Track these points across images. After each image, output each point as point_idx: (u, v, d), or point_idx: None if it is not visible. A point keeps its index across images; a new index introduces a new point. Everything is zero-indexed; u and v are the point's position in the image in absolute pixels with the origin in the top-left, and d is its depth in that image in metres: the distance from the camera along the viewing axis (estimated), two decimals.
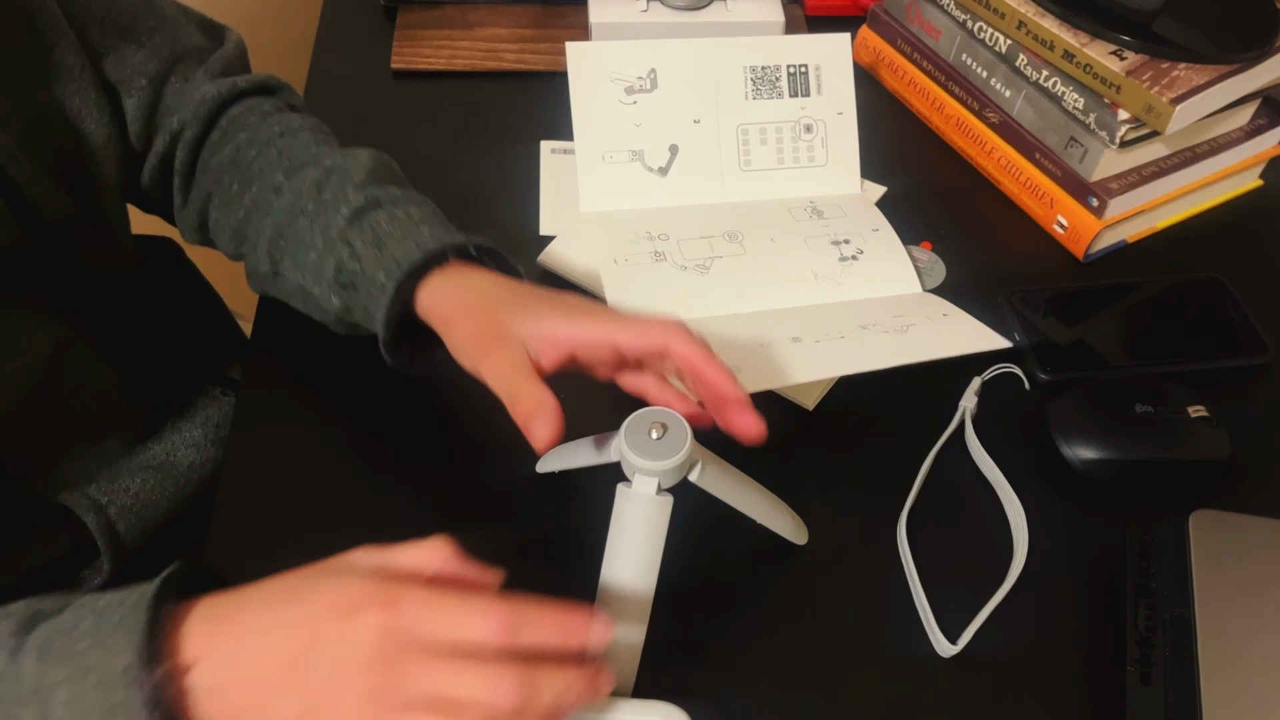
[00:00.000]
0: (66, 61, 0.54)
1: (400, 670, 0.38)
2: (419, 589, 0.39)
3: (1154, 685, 0.50)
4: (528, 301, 0.50)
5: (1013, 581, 0.55)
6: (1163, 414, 0.59)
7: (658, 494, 0.48)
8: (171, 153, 0.61)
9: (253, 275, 0.61)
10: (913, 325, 0.64)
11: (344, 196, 0.55)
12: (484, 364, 0.48)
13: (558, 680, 0.38)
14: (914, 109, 0.85)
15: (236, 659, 0.39)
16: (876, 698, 0.52)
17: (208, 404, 0.69)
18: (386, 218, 0.54)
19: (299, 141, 0.59)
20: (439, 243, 0.52)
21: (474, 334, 0.50)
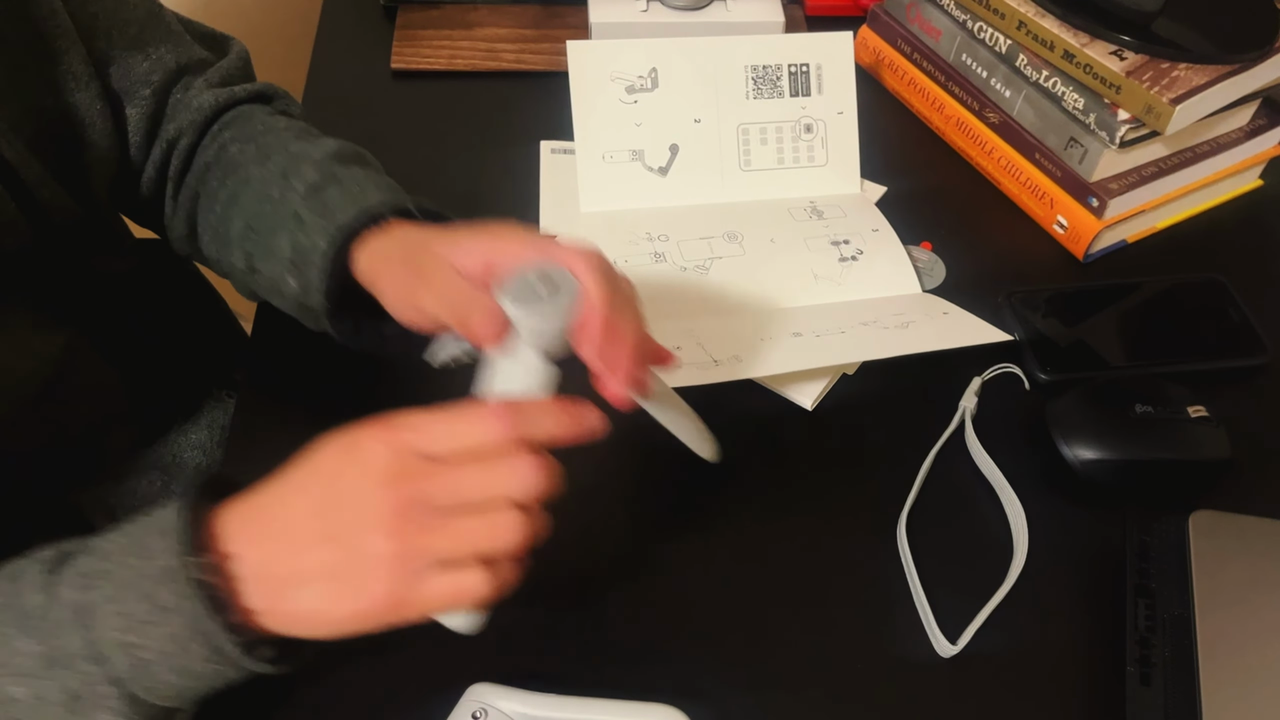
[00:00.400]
0: (75, 70, 0.54)
1: (418, 483, 0.39)
2: (414, 413, 0.40)
3: (1154, 685, 0.50)
4: (448, 233, 0.49)
5: (1013, 581, 0.55)
6: (1163, 414, 0.59)
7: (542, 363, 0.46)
8: (167, 161, 0.61)
9: (233, 277, 0.60)
10: (913, 322, 0.64)
11: (302, 175, 0.54)
12: (421, 296, 0.47)
13: (549, 410, 0.42)
14: (914, 109, 0.85)
15: (268, 535, 0.40)
16: (876, 698, 0.52)
17: (213, 406, 0.69)
18: (339, 191, 0.53)
19: (277, 136, 0.59)
20: (379, 202, 0.51)
21: (403, 276, 0.49)
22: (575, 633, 0.53)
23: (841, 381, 0.64)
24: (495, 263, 0.47)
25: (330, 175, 0.54)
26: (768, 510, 0.59)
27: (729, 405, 0.62)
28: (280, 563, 0.40)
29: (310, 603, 0.40)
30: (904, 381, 0.64)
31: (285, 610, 0.40)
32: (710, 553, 0.57)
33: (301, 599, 0.40)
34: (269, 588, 0.40)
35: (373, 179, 0.54)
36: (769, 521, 0.58)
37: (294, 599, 0.40)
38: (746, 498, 0.59)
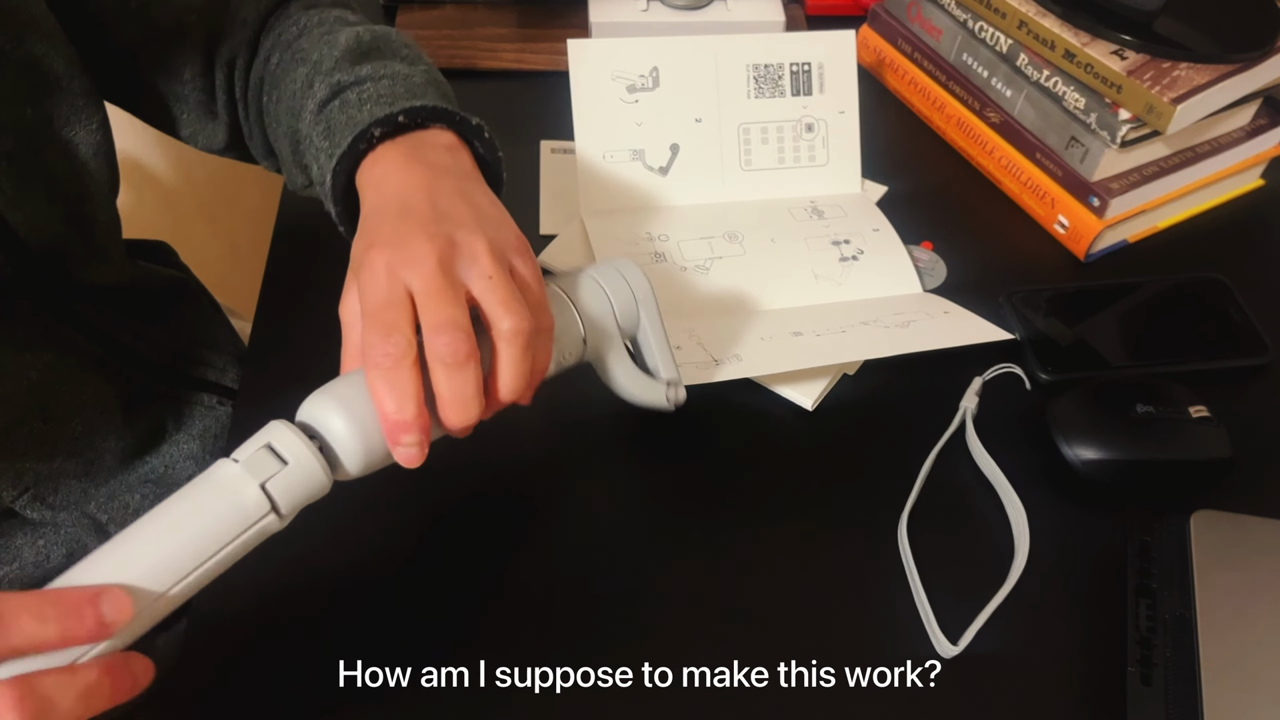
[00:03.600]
0: (55, 71, 0.53)
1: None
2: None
3: (1154, 686, 0.50)
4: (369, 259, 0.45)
5: (1013, 582, 0.55)
6: (1163, 414, 0.59)
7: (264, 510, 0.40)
8: (231, 84, 0.61)
9: (300, 193, 0.61)
10: (913, 322, 0.64)
11: (314, 91, 0.54)
12: (341, 305, 0.46)
13: (73, 685, 0.33)
14: (915, 109, 0.85)
15: None
16: (877, 698, 0.52)
17: (204, 415, 0.68)
18: (339, 105, 0.52)
19: (306, 39, 0.58)
20: (372, 121, 0.50)
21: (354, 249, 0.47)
22: (575, 631, 0.53)
23: (841, 381, 0.64)
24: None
25: (336, 87, 0.53)
26: (768, 510, 0.58)
27: (729, 405, 0.62)
28: None
29: None
30: (904, 381, 0.64)
31: None
32: (710, 553, 0.57)
33: None
34: None
35: (374, 83, 0.53)
36: (769, 521, 0.58)
37: None
38: (747, 498, 0.59)
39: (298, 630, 0.53)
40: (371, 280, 0.42)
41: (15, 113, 0.52)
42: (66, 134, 0.55)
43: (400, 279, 0.42)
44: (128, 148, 1.17)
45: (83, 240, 0.58)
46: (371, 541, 0.57)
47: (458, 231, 0.44)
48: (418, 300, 0.42)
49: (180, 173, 1.23)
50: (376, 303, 0.42)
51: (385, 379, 0.41)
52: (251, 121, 0.62)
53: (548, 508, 0.58)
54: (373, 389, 0.41)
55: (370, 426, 0.42)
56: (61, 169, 0.55)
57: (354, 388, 0.43)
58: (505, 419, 0.63)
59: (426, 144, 0.51)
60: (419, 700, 0.51)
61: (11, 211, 0.52)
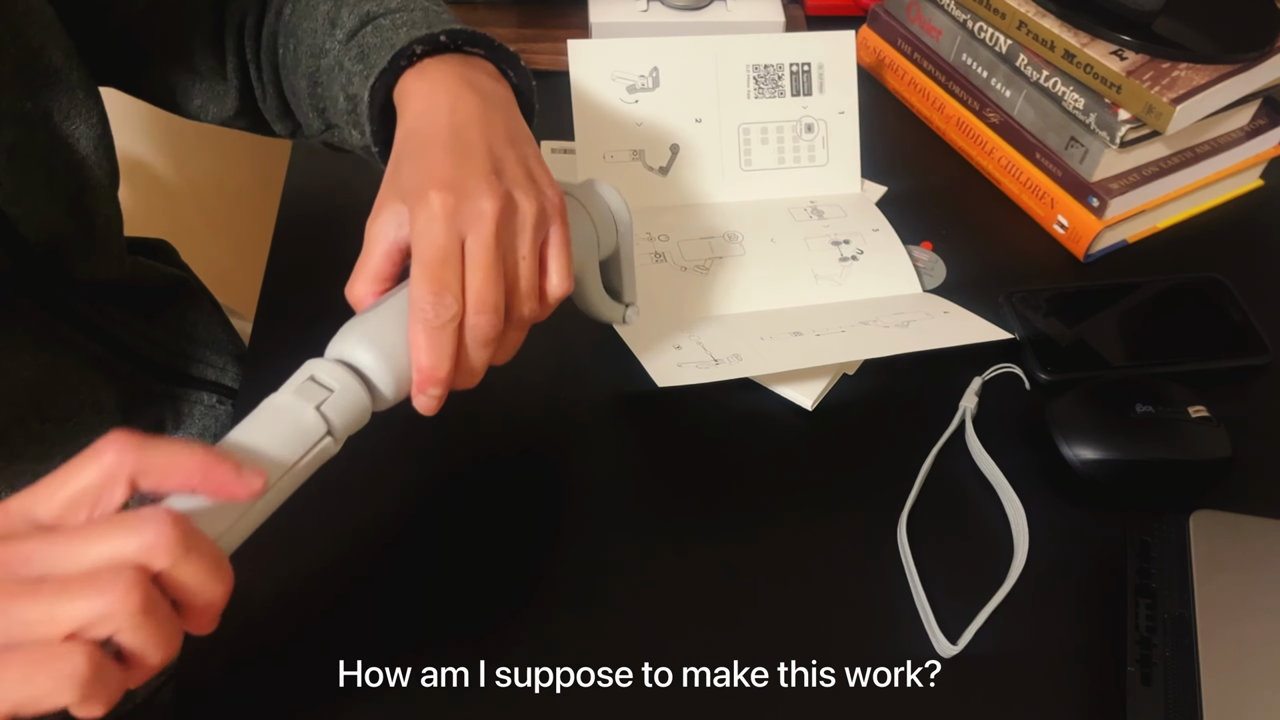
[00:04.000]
0: (54, 63, 0.53)
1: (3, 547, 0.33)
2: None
3: (1154, 685, 0.50)
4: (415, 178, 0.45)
5: (1013, 581, 0.55)
6: (1163, 414, 0.59)
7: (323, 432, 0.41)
8: (242, 46, 0.61)
9: (313, 137, 0.61)
10: (913, 321, 0.64)
11: (342, 22, 0.54)
12: (370, 221, 0.46)
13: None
14: (914, 109, 0.85)
15: None
16: (877, 698, 0.52)
17: (204, 414, 0.68)
18: (373, 30, 0.52)
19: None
20: (410, 40, 0.50)
21: (386, 177, 0.47)
22: (575, 631, 0.53)
23: (841, 381, 0.64)
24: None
25: (366, 16, 0.53)
26: (768, 510, 0.58)
27: (729, 405, 0.62)
28: None
29: None
30: (904, 381, 0.64)
31: None
32: (709, 552, 0.57)
33: None
34: None
35: (407, 13, 0.53)
36: (769, 521, 0.58)
37: None
38: (746, 497, 0.59)
39: (298, 630, 0.53)
40: (430, 227, 0.43)
41: (15, 106, 0.52)
42: (66, 128, 0.54)
43: (458, 231, 0.43)
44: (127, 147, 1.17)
45: (83, 235, 0.58)
46: (371, 542, 0.57)
47: (515, 190, 0.45)
48: (468, 261, 0.43)
49: (180, 172, 1.23)
50: (434, 255, 0.42)
51: (429, 335, 0.42)
52: (266, 81, 0.62)
53: (547, 508, 0.58)
54: (414, 340, 0.42)
55: (400, 364, 0.43)
56: (62, 163, 0.55)
57: (382, 326, 0.44)
58: (505, 419, 0.63)
59: (472, 66, 0.51)
60: (419, 700, 0.51)
61: (11, 206, 0.51)
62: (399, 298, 0.44)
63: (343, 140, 0.58)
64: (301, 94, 0.59)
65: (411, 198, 0.44)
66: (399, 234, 0.45)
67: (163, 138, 1.20)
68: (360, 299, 0.45)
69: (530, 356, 0.66)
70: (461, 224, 0.43)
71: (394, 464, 0.60)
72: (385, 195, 0.46)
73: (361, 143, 0.54)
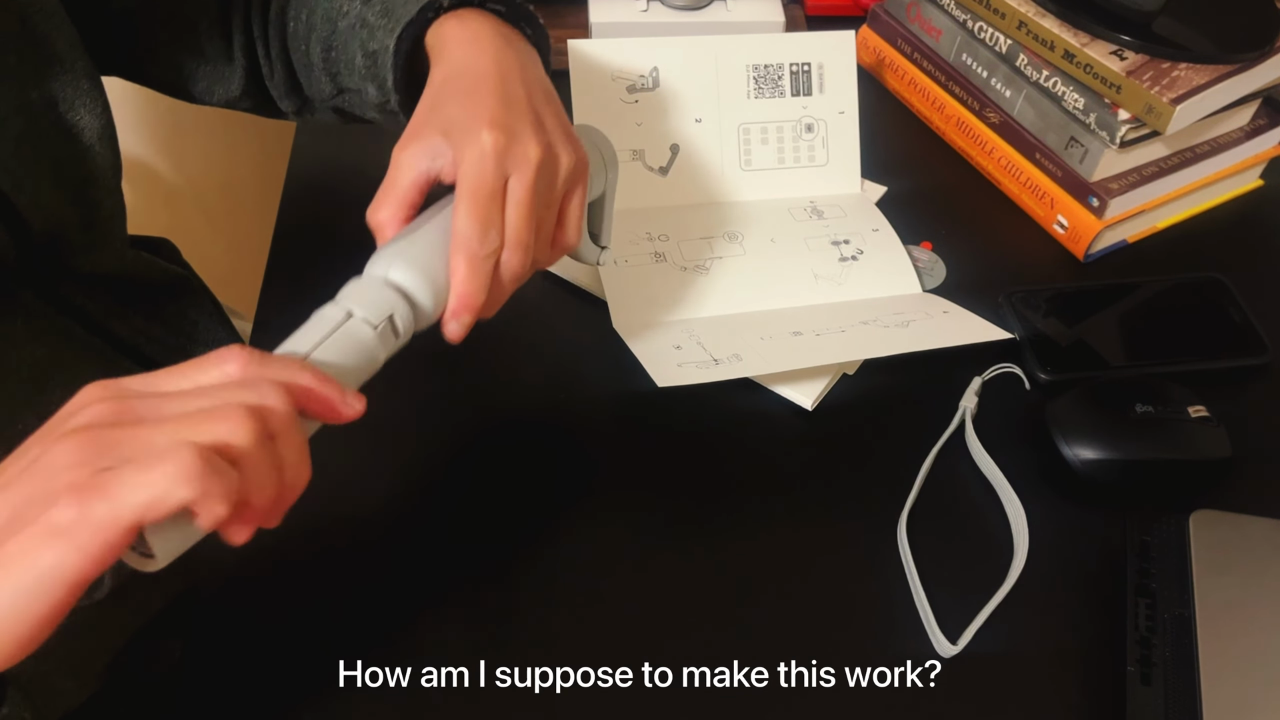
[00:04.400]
0: (58, 52, 0.53)
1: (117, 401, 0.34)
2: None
3: (1154, 685, 0.50)
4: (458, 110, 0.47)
5: (1013, 581, 0.55)
6: (1163, 414, 0.59)
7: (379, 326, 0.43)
8: (250, 26, 0.61)
9: (322, 106, 0.62)
10: (913, 321, 0.65)
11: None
12: (399, 148, 0.48)
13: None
14: (914, 109, 0.85)
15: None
16: (877, 698, 0.52)
17: None
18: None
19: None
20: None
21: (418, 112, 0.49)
22: (575, 631, 0.53)
23: (841, 381, 0.64)
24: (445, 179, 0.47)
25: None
26: (767, 510, 0.59)
27: (729, 405, 0.63)
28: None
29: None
30: (904, 381, 0.64)
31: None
32: (709, 552, 0.57)
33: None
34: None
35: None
36: (769, 521, 0.58)
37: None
38: (746, 497, 0.59)
39: (298, 631, 0.53)
40: (482, 163, 0.45)
41: (20, 95, 0.52)
42: (71, 117, 0.54)
43: (504, 171, 0.45)
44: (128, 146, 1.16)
45: (85, 225, 0.58)
46: (371, 541, 0.57)
47: (556, 143, 0.48)
48: (509, 200, 0.46)
49: (181, 172, 1.23)
50: (482, 190, 0.45)
51: (471, 265, 0.45)
52: (274, 57, 0.62)
53: (547, 507, 0.58)
54: (456, 268, 0.45)
55: (440, 289, 0.45)
56: (66, 152, 0.55)
57: (425, 250, 0.45)
58: (505, 418, 0.63)
59: (498, 21, 0.52)
60: (419, 700, 0.51)
61: (17, 194, 0.52)
62: (436, 226, 0.46)
63: (353, 104, 0.60)
64: (315, 61, 0.59)
65: (460, 133, 0.46)
66: (431, 165, 0.46)
67: (163, 137, 1.20)
68: (383, 224, 0.47)
69: (530, 356, 0.66)
70: (509, 164, 0.45)
71: (393, 464, 0.60)
72: (419, 126, 0.48)
73: (378, 99, 0.55)
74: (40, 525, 0.32)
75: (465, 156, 0.45)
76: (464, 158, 0.45)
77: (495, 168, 0.45)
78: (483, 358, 0.65)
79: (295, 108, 0.65)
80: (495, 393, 0.64)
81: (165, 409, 0.34)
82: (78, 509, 0.31)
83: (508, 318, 0.67)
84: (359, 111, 0.60)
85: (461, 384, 0.64)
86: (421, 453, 0.61)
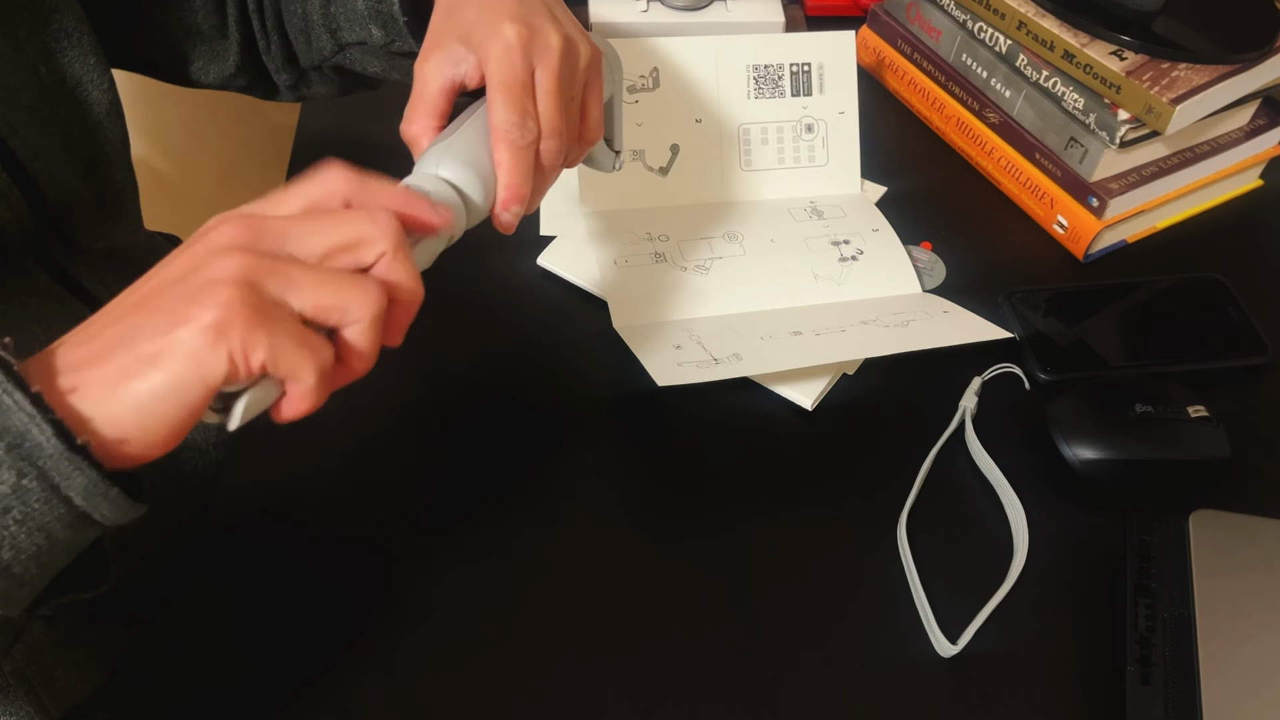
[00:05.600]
0: (66, 27, 0.54)
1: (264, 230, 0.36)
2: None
3: (1154, 685, 0.50)
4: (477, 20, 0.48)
5: (1013, 581, 0.55)
6: (1163, 414, 0.59)
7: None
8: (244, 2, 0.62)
9: (320, 72, 0.62)
10: (913, 321, 0.65)
11: None
12: (420, 61, 0.49)
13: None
14: (914, 109, 0.85)
15: (94, 321, 0.36)
16: (877, 698, 0.52)
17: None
18: None
19: None
20: None
21: (433, 25, 0.50)
22: (574, 631, 0.53)
23: (841, 381, 0.64)
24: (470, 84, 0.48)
25: None
26: (767, 510, 0.59)
27: (729, 405, 0.63)
28: (98, 337, 0.34)
29: (137, 354, 0.33)
30: (904, 381, 0.64)
31: (104, 377, 0.33)
32: (708, 552, 0.57)
33: (126, 357, 0.33)
34: (86, 362, 0.34)
35: None
36: (768, 521, 0.58)
37: (115, 364, 0.33)
38: (746, 497, 0.59)
39: (298, 630, 0.53)
40: (507, 55, 0.46)
41: (31, 70, 0.52)
42: (79, 93, 0.55)
43: (530, 62, 0.46)
44: None
45: (98, 199, 0.58)
46: (368, 543, 0.57)
47: (573, 34, 0.49)
48: (539, 89, 0.47)
49: (181, 172, 1.24)
50: (514, 82, 0.46)
51: (515, 155, 0.46)
52: (269, 28, 0.63)
53: (547, 507, 0.58)
54: (500, 159, 0.46)
55: (489, 183, 0.46)
56: (77, 126, 0.55)
57: (469, 148, 0.46)
58: (505, 418, 0.63)
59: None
60: (418, 699, 0.51)
61: (32, 162, 0.52)
62: (474, 125, 0.47)
63: (355, 60, 0.60)
64: (313, 18, 0.59)
65: (481, 33, 0.47)
66: (455, 72, 0.48)
67: (162, 137, 1.20)
68: (416, 136, 0.48)
69: (531, 356, 0.66)
70: (534, 55, 0.46)
71: (392, 463, 0.60)
72: (438, 37, 0.49)
73: (383, 39, 0.56)
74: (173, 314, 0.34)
75: (491, 54, 0.46)
76: (490, 55, 0.46)
77: (522, 59, 0.46)
78: (482, 357, 0.65)
79: (292, 81, 0.65)
80: (495, 392, 0.64)
81: (306, 245, 0.36)
82: (242, 329, 0.33)
83: (508, 317, 0.67)
84: (360, 67, 0.61)
85: (461, 384, 0.64)
86: (420, 452, 0.61)
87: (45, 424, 0.32)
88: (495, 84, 0.46)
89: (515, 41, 0.46)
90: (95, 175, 0.57)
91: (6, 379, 0.33)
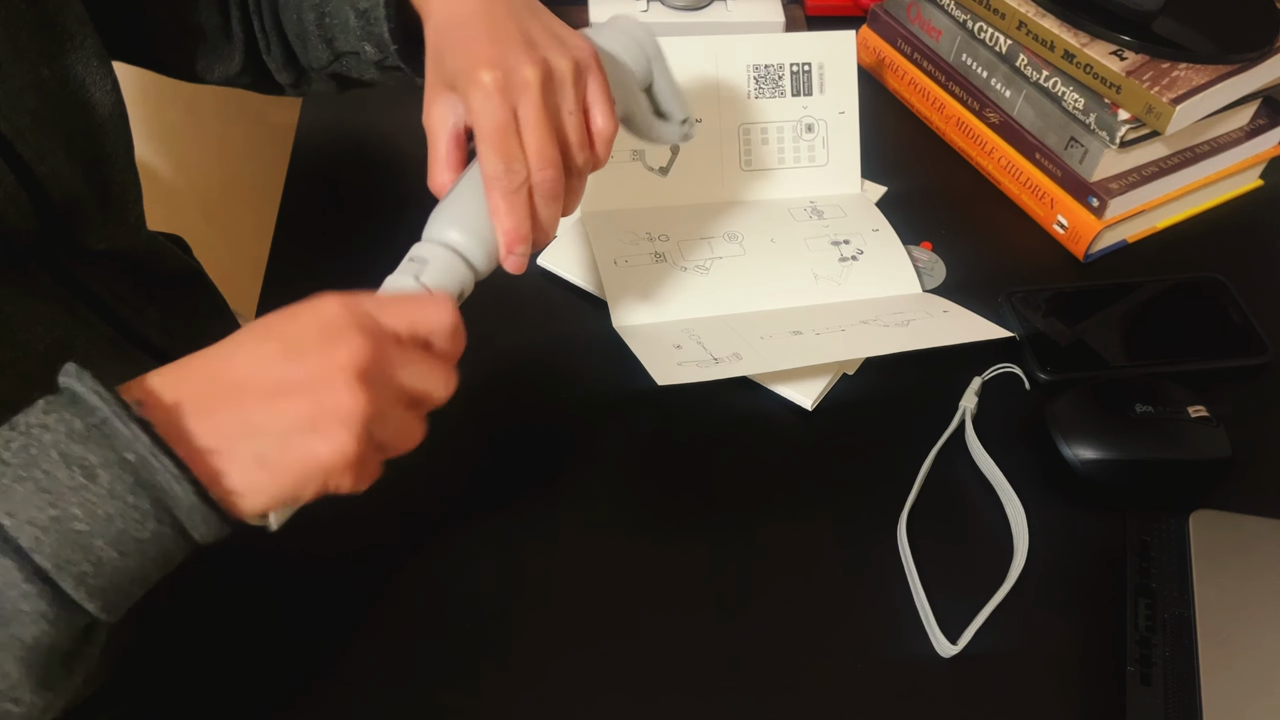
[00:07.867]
0: (69, 29, 0.54)
1: (378, 344, 0.40)
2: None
3: (1154, 685, 0.50)
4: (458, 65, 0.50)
5: (1013, 581, 0.55)
6: (1163, 414, 0.59)
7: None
8: (245, 3, 0.62)
9: (320, 74, 0.62)
10: (913, 320, 0.65)
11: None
12: (426, 115, 0.51)
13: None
14: (914, 109, 0.85)
15: (213, 387, 0.40)
16: (877, 698, 0.52)
17: None
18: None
19: None
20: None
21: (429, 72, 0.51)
22: (573, 631, 0.53)
23: (841, 381, 0.64)
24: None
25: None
26: (767, 510, 0.59)
27: (729, 404, 0.63)
28: (231, 409, 0.39)
29: (269, 450, 0.38)
30: (904, 381, 0.64)
31: (238, 455, 0.38)
32: (708, 552, 0.57)
33: (258, 445, 0.38)
34: (218, 433, 0.38)
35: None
36: (768, 521, 0.58)
37: (249, 446, 0.38)
38: (746, 497, 0.59)
39: (298, 628, 0.53)
40: (487, 104, 0.47)
41: (33, 72, 0.52)
42: (82, 95, 0.55)
43: (510, 103, 0.47)
44: None
45: (101, 202, 0.58)
46: (368, 543, 0.57)
47: (549, 54, 0.49)
48: (523, 126, 0.48)
49: (181, 172, 1.24)
50: (496, 129, 0.47)
51: (508, 200, 0.47)
52: (269, 30, 0.63)
53: (547, 507, 0.58)
54: (495, 207, 0.48)
55: (487, 235, 0.48)
56: (80, 129, 0.55)
57: (463, 205, 0.48)
58: (505, 418, 0.63)
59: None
60: (417, 698, 0.51)
61: (37, 164, 0.52)
62: (469, 179, 0.49)
63: (351, 68, 0.61)
64: (309, 28, 0.60)
65: (462, 81, 0.48)
66: (455, 119, 0.50)
67: (163, 137, 1.20)
68: (442, 187, 0.50)
69: (531, 356, 0.66)
70: (512, 96, 0.47)
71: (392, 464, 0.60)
72: (433, 87, 0.51)
73: (376, 56, 0.57)
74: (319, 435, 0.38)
75: (472, 104, 0.47)
76: (471, 105, 0.47)
77: (502, 103, 0.47)
78: (482, 357, 0.65)
79: (293, 80, 0.65)
80: (495, 392, 0.63)
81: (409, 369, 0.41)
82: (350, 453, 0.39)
83: (508, 317, 0.67)
84: (358, 74, 0.61)
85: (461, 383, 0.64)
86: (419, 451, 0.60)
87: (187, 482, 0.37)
88: (480, 135, 0.47)
89: (492, 87, 0.47)
90: (98, 177, 0.57)
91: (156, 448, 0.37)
